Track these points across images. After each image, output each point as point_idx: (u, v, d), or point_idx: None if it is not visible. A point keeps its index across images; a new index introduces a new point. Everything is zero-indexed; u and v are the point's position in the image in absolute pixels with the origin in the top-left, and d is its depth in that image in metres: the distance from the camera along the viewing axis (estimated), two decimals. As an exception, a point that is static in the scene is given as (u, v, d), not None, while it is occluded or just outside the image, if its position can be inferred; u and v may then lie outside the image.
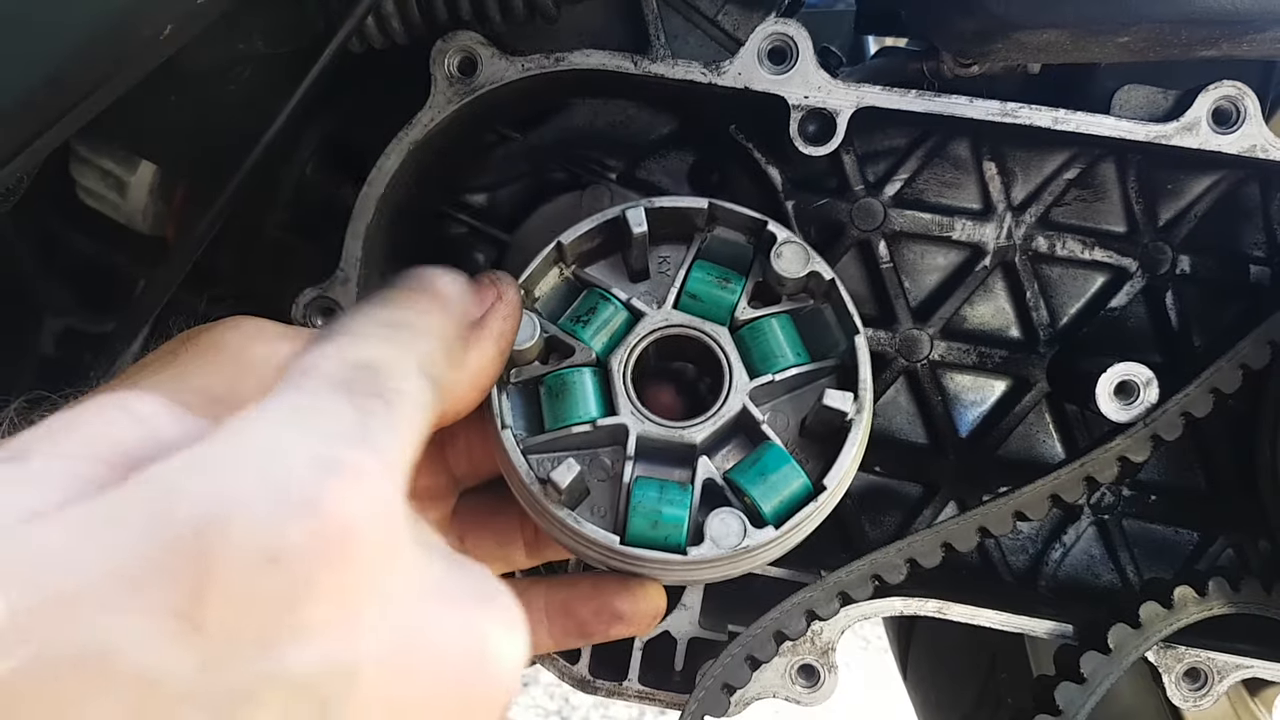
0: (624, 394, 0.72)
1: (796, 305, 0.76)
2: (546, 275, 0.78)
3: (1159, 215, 1.15)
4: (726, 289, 0.75)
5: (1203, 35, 0.93)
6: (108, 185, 1.21)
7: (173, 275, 0.99)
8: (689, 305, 0.75)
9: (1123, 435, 1.01)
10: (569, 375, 0.73)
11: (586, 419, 0.72)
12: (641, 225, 0.74)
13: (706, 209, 0.76)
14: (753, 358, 0.74)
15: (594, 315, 0.75)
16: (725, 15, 1.13)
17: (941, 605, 1.07)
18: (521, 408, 0.74)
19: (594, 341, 0.74)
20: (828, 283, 0.74)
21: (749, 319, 0.74)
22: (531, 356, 0.75)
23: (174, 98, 1.01)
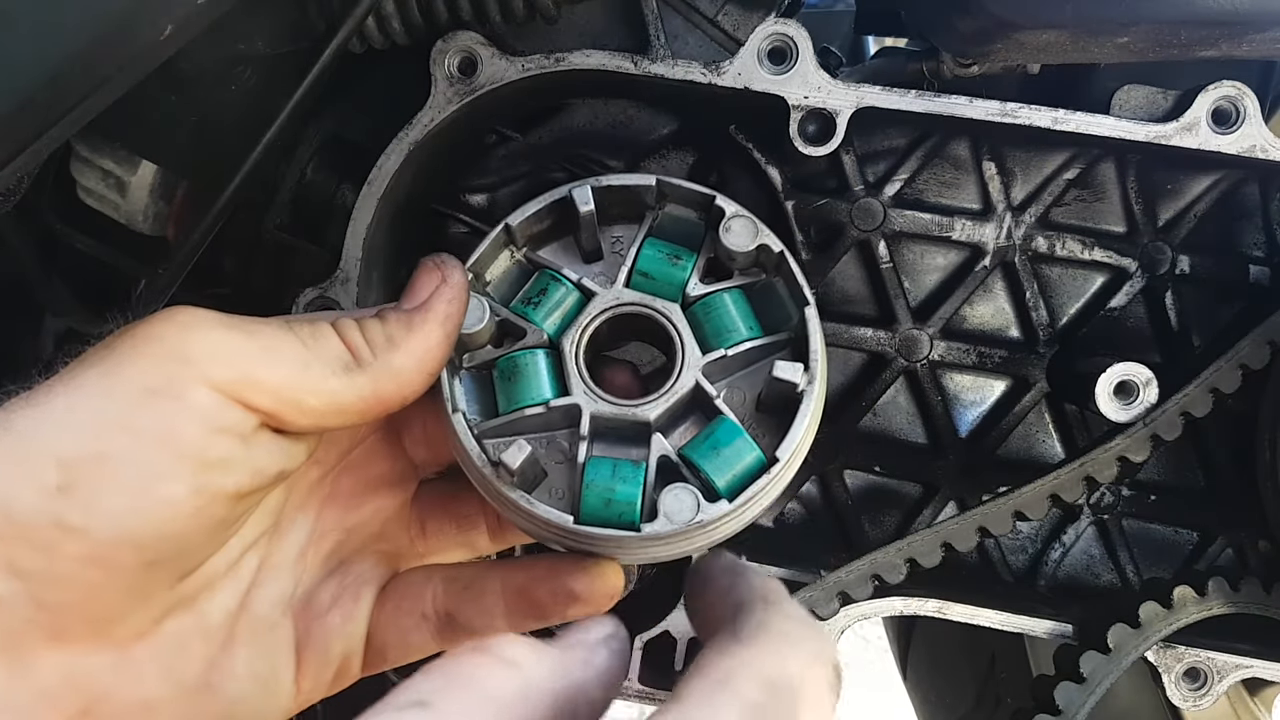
0: (576, 374, 0.72)
1: (748, 280, 0.75)
2: (497, 259, 0.78)
3: (1159, 215, 1.15)
4: (678, 265, 0.75)
5: (1203, 35, 0.93)
6: (108, 185, 1.21)
7: (173, 275, 0.99)
8: (640, 283, 0.74)
9: (1122, 435, 1.01)
10: (521, 357, 0.73)
11: (540, 400, 0.71)
12: (588, 204, 0.73)
13: (655, 186, 0.75)
14: (705, 333, 0.73)
15: (545, 297, 0.75)
16: (725, 15, 1.13)
17: (941, 605, 1.08)
18: (475, 393, 0.74)
19: (546, 323, 0.74)
20: (778, 255, 0.73)
21: (700, 294, 0.74)
22: (483, 340, 0.74)
23: (175, 98, 1.01)
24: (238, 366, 0.58)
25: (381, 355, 0.64)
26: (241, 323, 0.60)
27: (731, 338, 0.73)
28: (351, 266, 1.04)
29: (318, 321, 0.64)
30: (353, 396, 0.62)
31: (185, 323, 0.58)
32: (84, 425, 0.54)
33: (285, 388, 0.60)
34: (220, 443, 0.57)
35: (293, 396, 0.60)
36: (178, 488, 0.55)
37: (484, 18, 0.99)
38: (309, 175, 1.11)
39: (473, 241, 1.18)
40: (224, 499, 0.58)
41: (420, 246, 1.19)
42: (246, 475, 0.59)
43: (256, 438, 0.59)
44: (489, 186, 1.18)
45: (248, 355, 0.59)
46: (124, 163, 1.19)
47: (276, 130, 0.95)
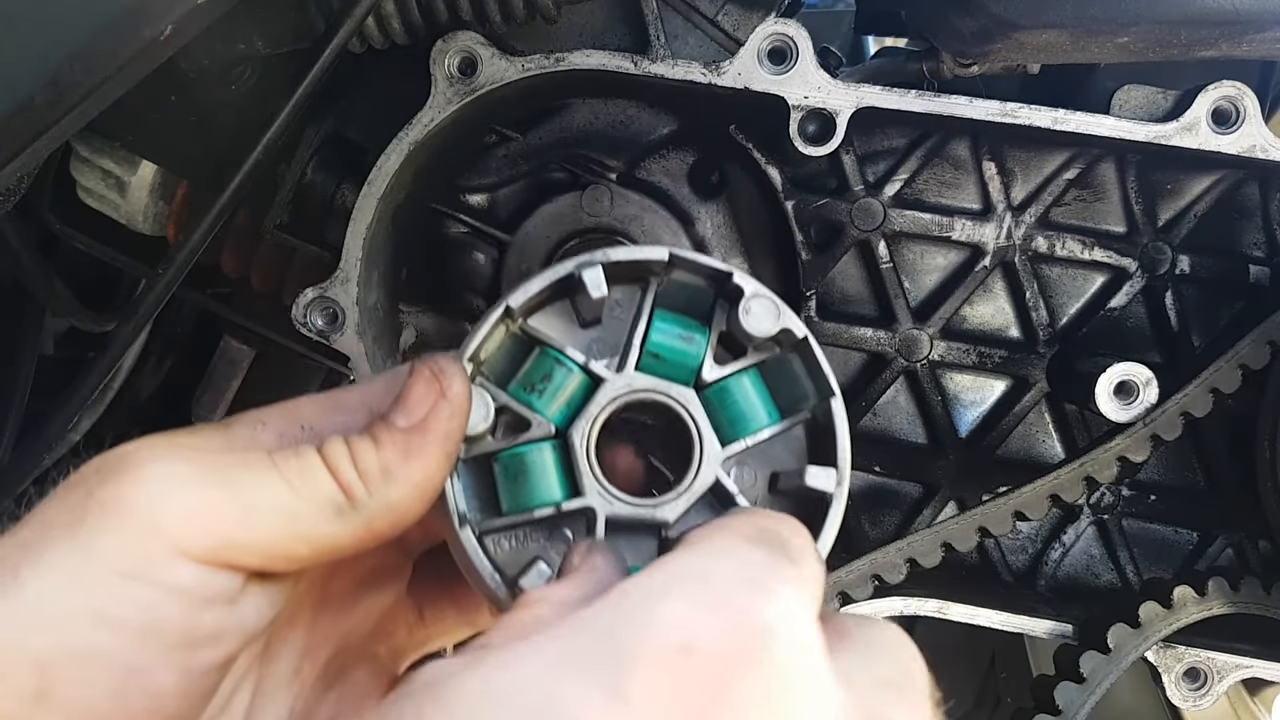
0: (589, 473, 0.66)
1: (762, 356, 0.71)
2: (494, 335, 0.71)
3: (1158, 215, 1.15)
4: (691, 345, 0.69)
5: (1203, 35, 0.93)
6: (108, 185, 1.21)
7: (173, 275, 0.99)
8: (651, 366, 0.69)
9: (1122, 435, 1.01)
10: (527, 454, 0.67)
11: (550, 502, 0.66)
12: (601, 289, 0.68)
13: (667, 259, 0.70)
14: (722, 420, 0.68)
15: (549, 383, 0.69)
16: (725, 15, 1.13)
17: (941, 605, 1.08)
18: (474, 486, 0.68)
19: (550, 411, 0.68)
20: (800, 340, 0.69)
21: (717, 379, 0.69)
22: (483, 431, 0.68)
23: (174, 98, 1.01)
24: (219, 532, 0.53)
25: (378, 491, 0.58)
26: (218, 471, 0.54)
27: (751, 426, 0.68)
28: (351, 266, 1.04)
29: (305, 455, 0.57)
30: (346, 539, 0.57)
31: (154, 483, 0.52)
32: (58, 621, 0.49)
33: (273, 544, 0.55)
34: (207, 616, 0.53)
35: (282, 550, 0.55)
36: (165, 677, 0.51)
37: (484, 18, 0.99)
38: (309, 175, 1.11)
39: (473, 241, 1.19)
40: (214, 670, 0.54)
41: (420, 246, 1.19)
42: (237, 640, 0.55)
43: (244, 595, 0.55)
44: (489, 186, 1.18)
45: (229, 517, 0.53)
46: (124, 163, 1.19)
47: (276, 130, 0.95)
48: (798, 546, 0.51)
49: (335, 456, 0.57)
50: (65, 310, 1.37)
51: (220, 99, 1.01)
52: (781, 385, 0.70)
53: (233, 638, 0.55)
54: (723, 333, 0.71)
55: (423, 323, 1.22)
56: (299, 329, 1.05)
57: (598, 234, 1.17)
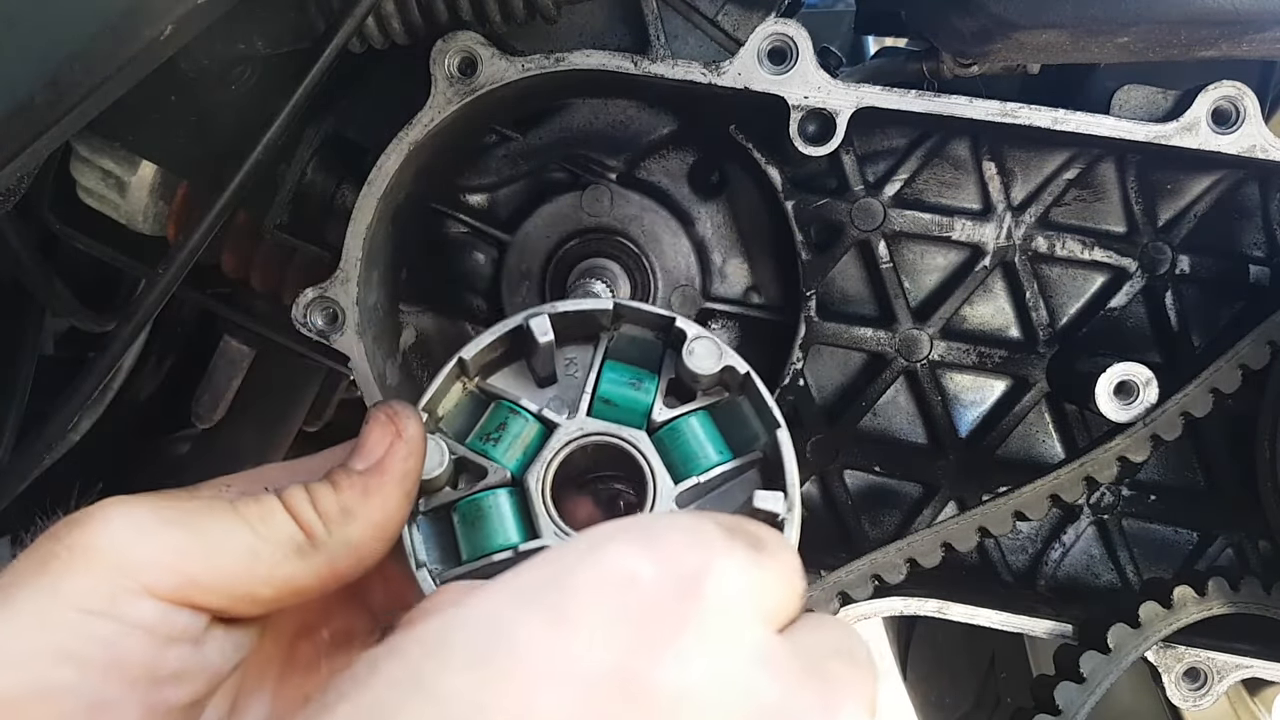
0: (544, 515, 0.68)
1: (712, 400, 0.72)
2: (449, 393, 0.73)
3: (1158, 215, 1.15)
4: (640, 390, 0.71)
5: (1203, 35, 0.93)
6: (108, 185, 1.21)
7: (173, 275, 0.99)
8: (603, 411, 0.71)
9: (1122, 435, 1.01)
10: (483, 500, 0.68)
11: (507, 546, 0.67)
12: (547, 334, 0.69)
13: (611, 309, 0.72)
14: (674, 459, 0.69)
15: (504, 431, 0.71)
16: (725, 15, 1.13)
17: (941, 605, 1.08)
18: (435, 538, 0.69)
19: (506, 459, 0.70)
20: (743, 376, 0.70)
21: (666, 420, 0.70)
22: (441, 483, 0.70)
23: (174, 98, 1.01)
24: (182, 571, 0.54)
25: (337, 530, 0.59)
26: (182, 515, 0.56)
27: (701, 464, 0.69)
28: (351, 266, 1.04)
29: (265, 500, 0.59)
30: (309, 578, 0.58)
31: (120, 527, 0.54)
32: (23, 659, 0.50)
33: (235, 583, 0.56)
34: (171, 654, 0.54)
35: (245, 590, 0.56)
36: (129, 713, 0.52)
37: (484, 18, 0.99)
38: (309, 175, 1.11)
39: (473, 241, 1.19)
40: (179, 709, 0.55)
41: (420, 246, 1.19)
42: (202, 681, 0.56)
43: (207, 637, 0.56)
44: (489, 186, 1.18)
45: (191, 556, 0.55)
46: (124, 163, 1.19)
47: (276, 130, 0.95)
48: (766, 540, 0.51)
49: (295, 500, 0.59)
50: (65, 310, 1.37)
51: (220, 99, 1.01)
52: (732, 427, 0.71)
53: (197, 678, 0.55)
54: (672, 380, 0.73)
55: (423, 323, 1.22)
56: (299, 329, 1.05)
57: (598, 234, 1.17)
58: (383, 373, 1.09)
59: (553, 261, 1.17)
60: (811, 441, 1.17)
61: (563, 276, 1.15)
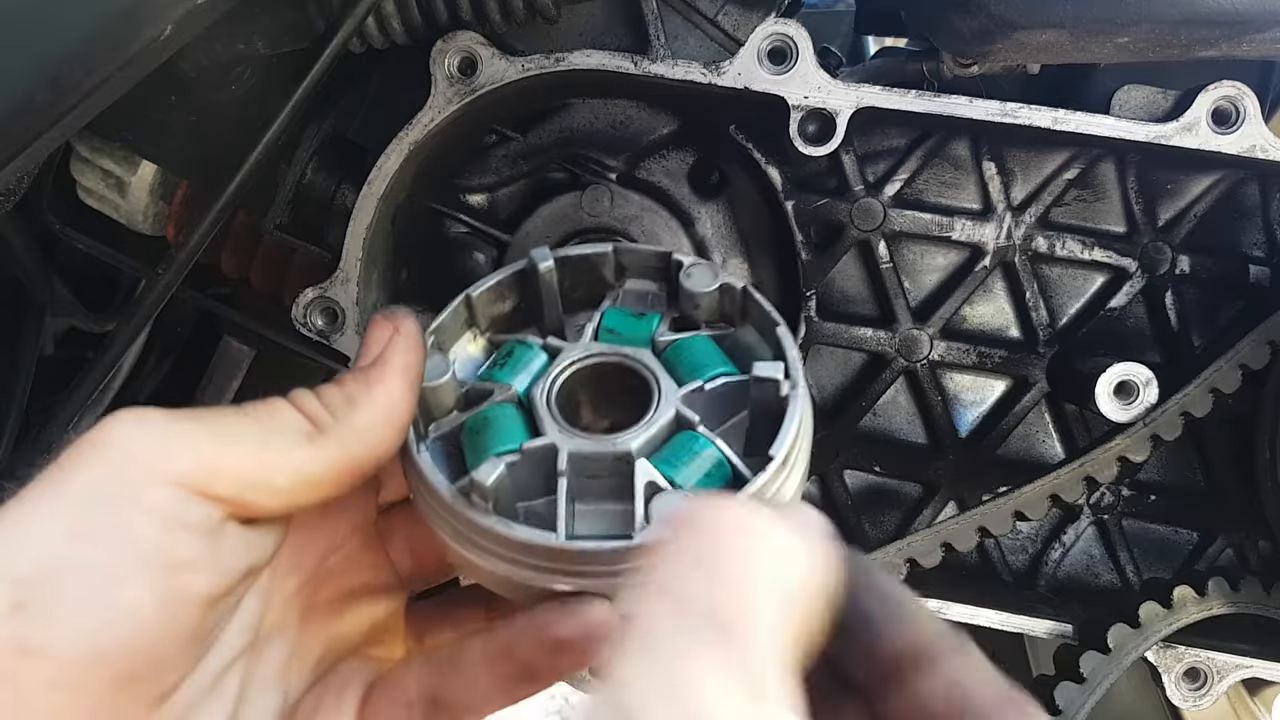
0: (549, 417, 0.67)
1: (717, 331, 0.72)
2: (460, 339, 0.74)
3: (1158, 215, 1.15)
4: (643, 319, 0.72)
5: (1203, 35, 0.93)
6: (108, 185, 1.21)
7: (173, 275, 0.99)
8: (608, 338, 0.71)
9: (1122, 435, 1.01)
10: (490, 410, 0.68)
11: (512, 447, 0.65)
12: (547, 260, 0.71)
13: (612, 254, 0.73)
14: (679, 373, 0.68)
15: (511, 359, 0.71)
16: (725, 15, 1.13)
17: (941, 605, 1.08)
18: (444, 465, 0.68)
19: (514, 380, 0.70)
20: (741, 293, 0.70)
21: (670, 340, 0.70)
22: (448, 405, 0.70)
23: (174, 98, 1.01)
24: (194, 456, 0.54)
25: (344, 417, 0.60)
26: (191, 413, 0.57)
27: (707, 372, 0.68)
28: (351, 266, 1.04)
29: (270, 400, 0.61)
30: (322, 465, 0.59)
31: (132, 422, 0.55)
32: (36, 539, 0.50)
33: (248, 469, 0.56)
34: (184, 542, 0.53)
35: (258, 477, 0.57)
36: (142, 593, 0.51)
37: (484, 18, 0.99)
38: (309, 175, 1.11)
39: (473, 241, 1.19)
40: (193, 604, 0.54)
41: (420, 246, 1.19)
42: (215, 575, 0.55)
43: (223, 532, 0.56)
44: (489, 186, 1.18)
45: (202, 442, 0.55)
46: (124, 163, 1.19)
47: (276, 130, 0.95)
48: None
49: (299, 397, 0.61)
50: (65, 310, 1.37)
51: (220, 99, 1.01)
52: (738, 355, 0.71)
53: (211, 572, 0.55)
54: (676, 318, 0.73)
55: (423, 323, 1.22)
56: (299, 329, 1.05)
57: (598, 234, 1.17)
58: (383, 373, 1.09)
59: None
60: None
61: (563, 276, 1.15)
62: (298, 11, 0.96)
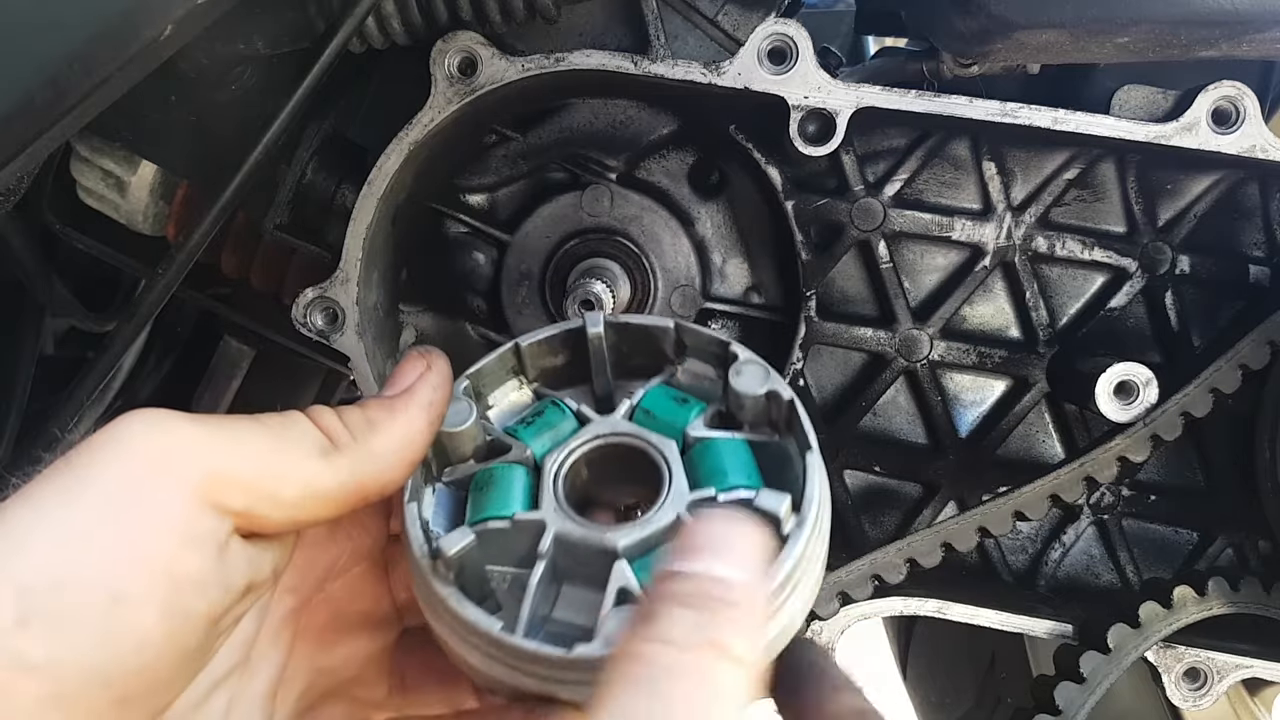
0: (550, 492, 0.65)
1: (757, 436, 0.68)
2: (504, 385, 0.73)
3: (1158, 215, 1.15)
4: (684, 407, 0.68)
5: (1203, 35, 0.93)
6: (108, 185, 1.21)
7: (173, 275, 0.99)
8: (641, 420, 0.68)
9: (1122, 435, 1.01)
10: (499, 469, 0.67)
11: (506, 514, 0.63)
12: (597, 326, 0.69)
13: (673, 331, 0.70)
14: (698, 474, 0.65)
15: (540, 419, 0.69)
16: (725, 15, 1.13)
17: (941, 605, 1.08)
18: (448, 509, 0.68)
19: (534, 442, 0.68)
20: (787, 404, 0.65)
21: (701, 436, 0.66)
22: (467, 452, 0.69)
23: (174, 98, 1.01)
24: (206, 461, 0.54)
25: (361, 438, 0.60)
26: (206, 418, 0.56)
27: (726, 481, 0.64)
28: (351, 266, 1.04)
29: (288, 413, 0.60)
30: (331, 481, 0.58)
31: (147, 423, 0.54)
32: (43, 547, 0.49)
33: (259, 478, 0.56)
34: (192, 558, 0.53)
35: (268, 487, 0.56)
36: (148, 613, 0.51)
37: (484, 18, 0.99)
38: (309, 175, 1.11)
39: (473, 241, 1.19)
40: (197, 623, 0.54)
41: (420, 246, 1.19)
42: (220, 593, 0.55)
43: (229, 548, 0.55)
44: (489, 186, 1.18)
45: (215, 447, 0.55)
46: (124, 163, 1.19)
47: (276, 130, 0.95)
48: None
49: (319, 413, 0.61)
50: (65, 310, 1.37)
51: (220, 99, 1.01)
52: (773, 470, 0.67)
53: (217, 589, 0.54)
54: (722, 412, 0.70)
55: (423, 323, 1.22)
56: (299, 329, 1.05)
57: (598, 234, 1.17)
58: (382, 373, 1.09)
59: (553, 261, 1.17)
60: (811, 441, 1.17)
61: (563, 276, 1.15)
62: (298, 11, 0.96)
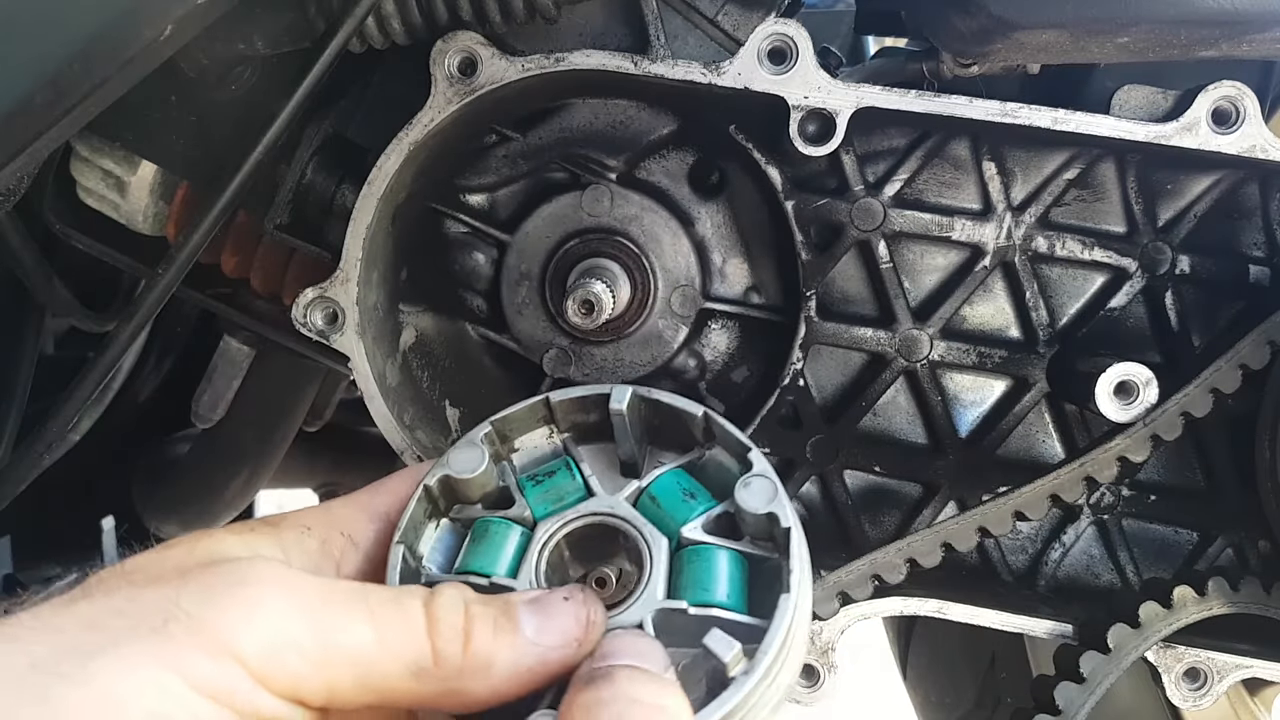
0: (532, 561, 0.66)
1: (756, 550, 0.67)
2: (534, 430, 0.73)
3: (1159, 215, 1.15)
4: (689, 503, 0.68)
5: (1203, 35, 0.93)
6: (108, 185, 1.21)
7: (173, 275, 0.99)
8: (645, 506, 0.68)
9: (1122, 435, 1.01)
10: (495, 524, 0.68)
11: (486, 573, 0.65)
12: (620, 403, 0.69)
13: (702, 419, 0.70)
14: (681, 580, 0.64)
15: (550, 479, 0.70)
16: (725, 15, 1.13)
17: (941, 605, 1.08)
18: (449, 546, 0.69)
19: (536, 502, 0.69)
20: (785, 531, 0.64)
21: (694, 540, 0.66)
22: (476, 496, 0.70)
23: (174, 98, 1.02)
24: (298, 675, 0.53)
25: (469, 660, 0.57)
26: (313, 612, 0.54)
27: (702, 596, 0.63)
28: (351, 266, 1.04)
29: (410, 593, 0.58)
30: (407, 698, 0.57)
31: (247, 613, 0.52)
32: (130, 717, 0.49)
33: (347, 694, 0.55)
34: None
35: (353, 699, 0.55)
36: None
37: (484, 18, 0.99)
38: (309, 175, 1.11)
39: (473, 241, 1.19)
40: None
41: (420, 246, 1.19)
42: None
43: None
44: (489, 186, 1.18)
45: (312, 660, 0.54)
46: (124, 163, 1.19)
47: (276, 130, 0.95)
48: None
49: (442, 607, 0.58)
50: (65, 310, 1.37)
51: (220, 99, 1.01)
52: (763, 584, 0.66)
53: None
54: (729, 514, 0.69)
55: (423, 323, 1.22)
56: (299, 329, 1.05)
57: (598, 234, 1.17)
58: (383, 373, 1.09)
59: (553, 261, 1.17)
60: (811, 441, 1.17)
61: (563, 277, 1.15)
62: (298, 11, 0.96)
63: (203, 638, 0.51)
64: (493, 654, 0.57)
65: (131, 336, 1.05)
